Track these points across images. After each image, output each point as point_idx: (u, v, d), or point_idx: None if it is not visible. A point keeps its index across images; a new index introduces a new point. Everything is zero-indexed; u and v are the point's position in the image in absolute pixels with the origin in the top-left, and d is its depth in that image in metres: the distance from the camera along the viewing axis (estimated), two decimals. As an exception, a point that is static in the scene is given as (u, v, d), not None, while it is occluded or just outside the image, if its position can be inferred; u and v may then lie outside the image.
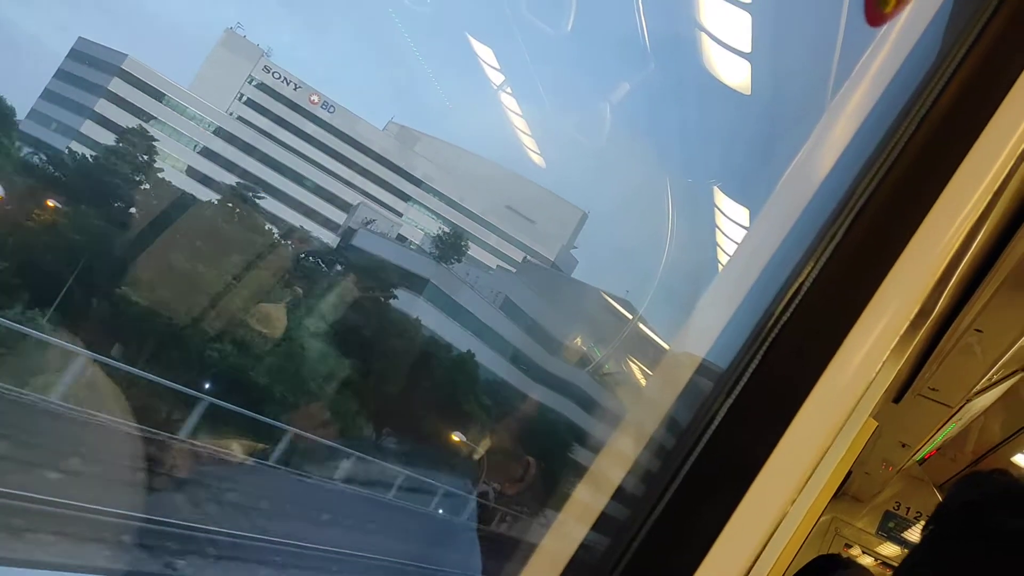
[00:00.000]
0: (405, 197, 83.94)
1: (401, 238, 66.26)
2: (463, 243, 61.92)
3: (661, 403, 1.16)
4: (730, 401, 0.99)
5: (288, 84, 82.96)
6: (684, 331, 1.22)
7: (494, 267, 70.72)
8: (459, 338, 50.68)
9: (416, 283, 51.76)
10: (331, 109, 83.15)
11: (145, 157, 43.67)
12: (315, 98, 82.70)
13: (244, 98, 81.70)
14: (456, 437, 37.36)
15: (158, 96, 71.55)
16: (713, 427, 0.99)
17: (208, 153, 73.22)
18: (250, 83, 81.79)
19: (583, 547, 1.05)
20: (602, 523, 1.06)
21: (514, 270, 68.28)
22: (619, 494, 1.09)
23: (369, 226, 59.90)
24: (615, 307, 62.10)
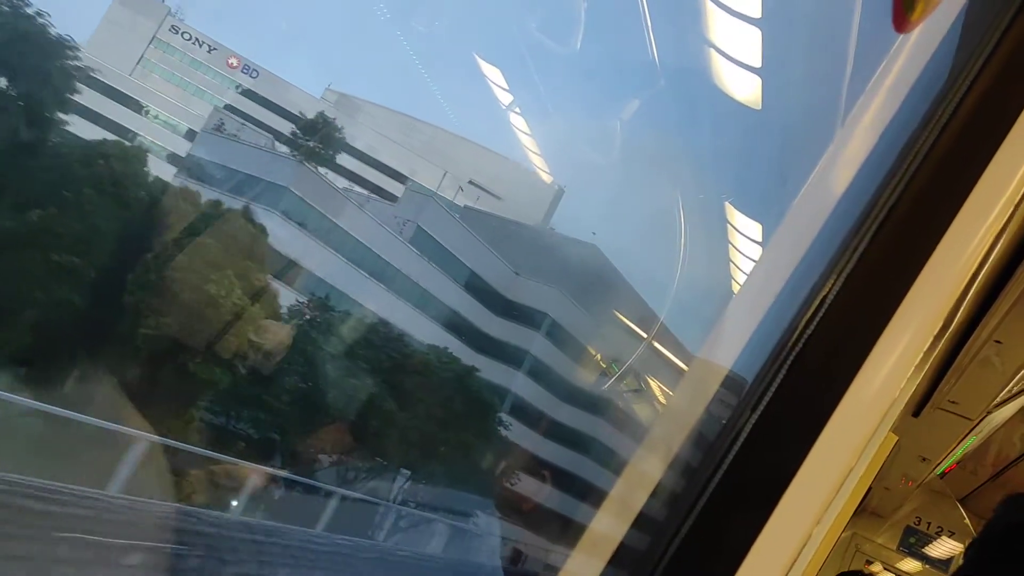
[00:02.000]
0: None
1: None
2: (337, 133, 41.83)
3: (687, 418, 1.15)
4: (755, 417, 0.98)
5: (200, 46, 72.61)
6: (708, 345, 1.22)
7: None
8: (340, 274, 36.60)
9: (267, 192, 36.41)
10: (254, 74, 72.34)
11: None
12: (233, 61, 72.81)
13: (145, 61, 70.05)
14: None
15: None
16: (739, 443, 0.98)
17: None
18: (154, 46, 71.07)
19: (609, 569, 1.04)
20: (629, 542, 1.06)
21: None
22: (645, 514, 1.08)
23: (219, 131, 42.75)
24: (583, 256, 45.84)
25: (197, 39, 69.94)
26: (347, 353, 27.38)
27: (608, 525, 1.09)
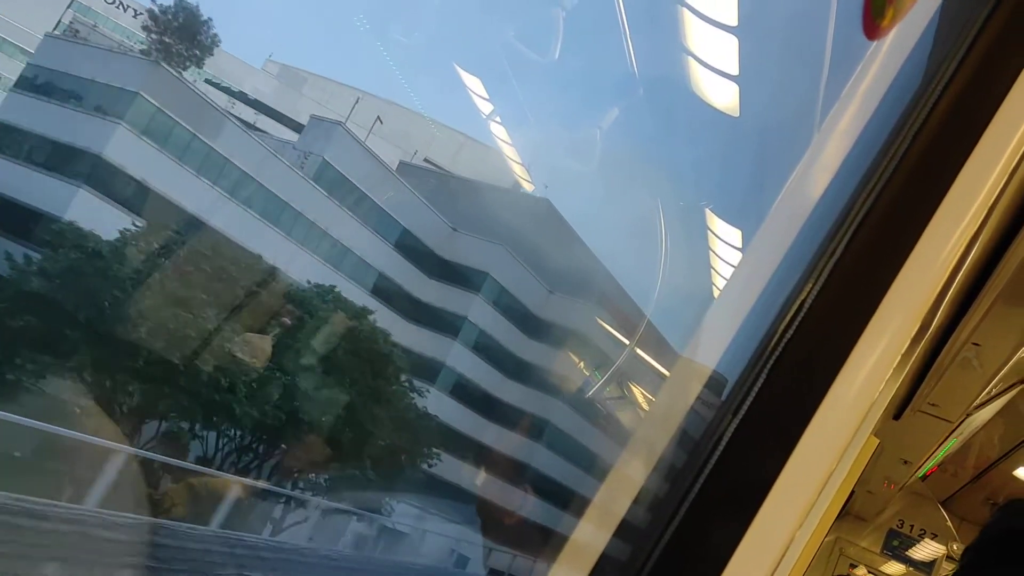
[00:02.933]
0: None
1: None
2: (201, 26, 30.82)
3: (669, 423, 1.15)
4: (736, 421, 0.99)
5: (125, 11, 60.06)
6: (690, 348, 1.22)
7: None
8: (220, 212, 28.37)
9: (113, 100, 27.82)
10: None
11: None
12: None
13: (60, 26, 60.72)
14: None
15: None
16: (721, 448, 0.98)
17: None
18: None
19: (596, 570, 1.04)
20: (615, 544, 1.05)
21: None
22: (627, 521, 1.08)
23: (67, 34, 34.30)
24: (533, 211, 38.05)
25: (123, 2, 57.85)
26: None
27: (590, 533, 1.09)
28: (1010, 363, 3.00)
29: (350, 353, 21.94)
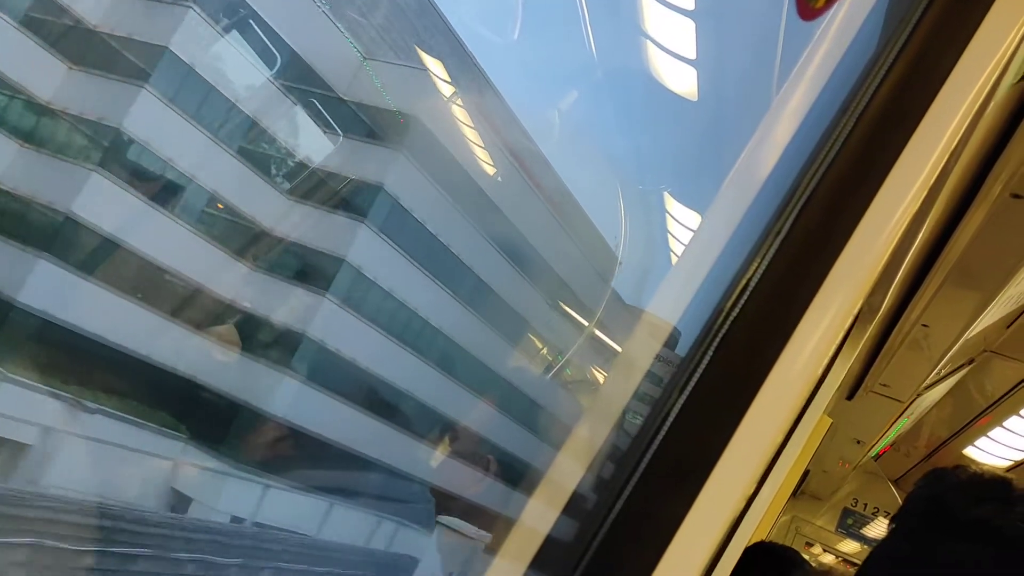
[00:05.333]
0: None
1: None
2: None
3: (618, 401, 1.16)
4: (683, 398, 0.99)
5: None
6: (638, 328, 1.23)
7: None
8: None
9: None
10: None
11: None
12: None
13: None
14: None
15: None
16: (667, 425, 0.99)
17: None
18: None
19: (542, 551, 1.05)
20: (564, 519, 1.06)
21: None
22: (576, 497, 1.09)
23: None
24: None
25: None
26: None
27: (536, 517, 1.10)
28: (958, 343, 3.07)
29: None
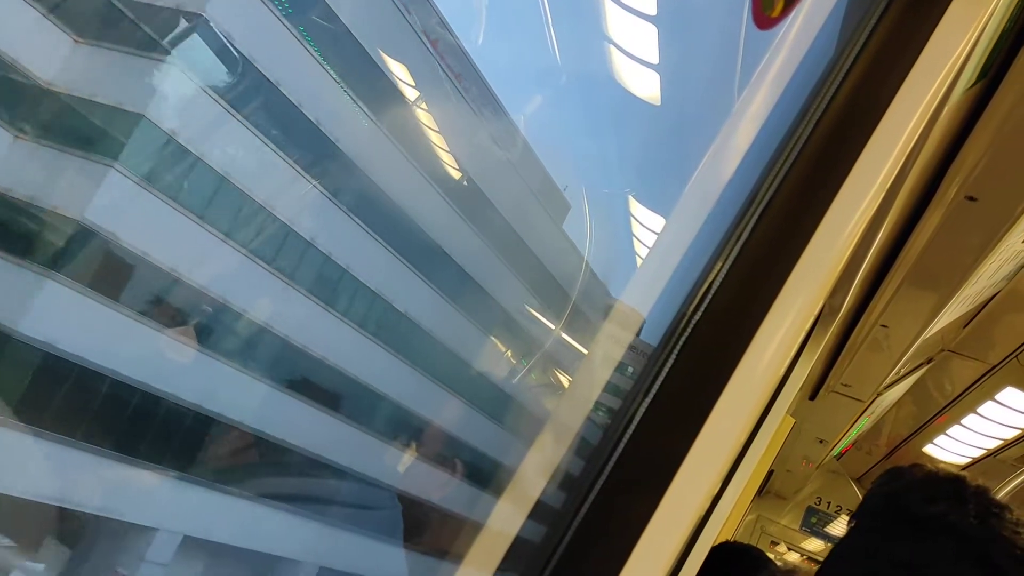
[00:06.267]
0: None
1: None
2: None
3: (584, 406, 1.16)
4: (648, 400, 1.00)
5: None
6: (603, 332, 1.24)
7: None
8: None
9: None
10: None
11: None
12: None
13: None
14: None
15: None
16: (633, 427, 1.00)
17: None
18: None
19: (509, 554, 1.05)
20: (531, 522, 1.06)
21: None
22: (547, 494, 1.09)
23: None
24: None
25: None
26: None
27: (505, 517, 1.10)
28: (916, 343, 3.12)
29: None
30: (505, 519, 1.11)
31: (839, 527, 7.85)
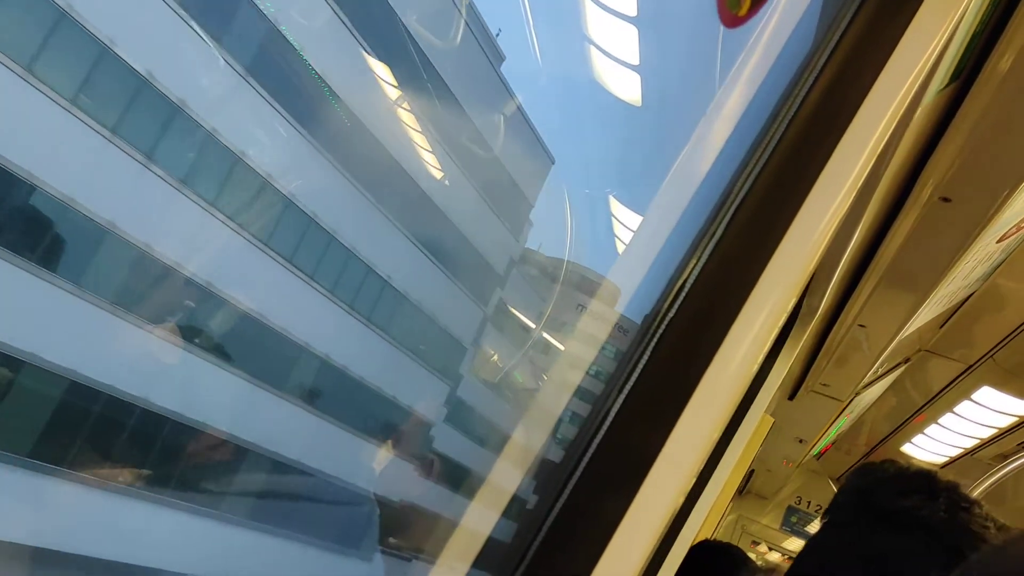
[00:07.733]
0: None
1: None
2: None
3: (558, 403, 1.16)
4: (622, 398, 1.00)
5: None
6: (579, 329, 1.24)
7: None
8: None
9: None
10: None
11: None
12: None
13: None
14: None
15: None
16: (607, 424, 1.00)
17: None
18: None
19: (484, 552, 1.05)
20: (505, 520, 1.06)
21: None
22: (521, 491, 1.09)
23: None
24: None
25: None
26: None
27: (479, 516, 1.09)
28: (894, 343, 3.14)
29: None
30: (479, 517, 1.11)
31: (818, 526, 7.88)
